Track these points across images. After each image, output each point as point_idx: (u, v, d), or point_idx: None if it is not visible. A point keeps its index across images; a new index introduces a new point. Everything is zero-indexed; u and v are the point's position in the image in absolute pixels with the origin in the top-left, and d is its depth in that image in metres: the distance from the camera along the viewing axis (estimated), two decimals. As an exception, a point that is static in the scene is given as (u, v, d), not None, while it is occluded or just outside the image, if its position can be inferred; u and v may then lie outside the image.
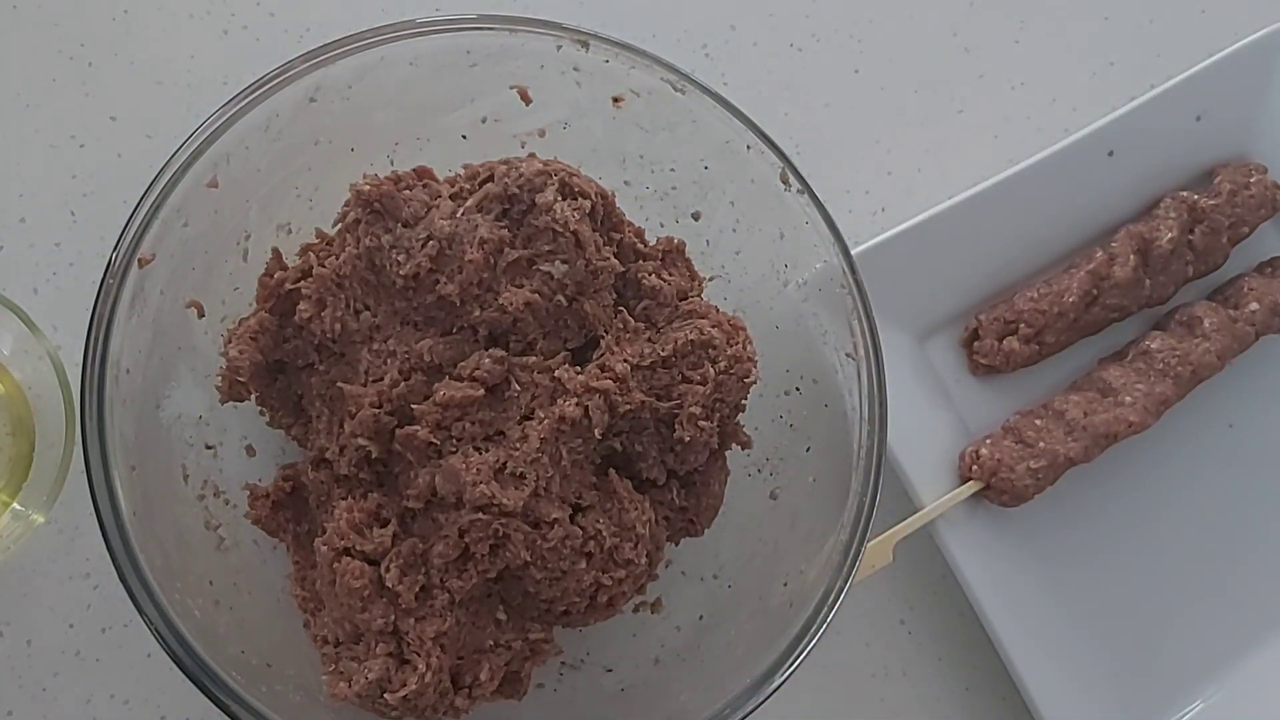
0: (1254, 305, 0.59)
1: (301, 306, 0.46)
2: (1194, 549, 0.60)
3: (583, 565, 0.44)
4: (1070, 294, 0.58)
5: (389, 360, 0.45)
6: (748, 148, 0.49)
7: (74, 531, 0.52)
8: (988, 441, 0.56)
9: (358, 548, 0.44)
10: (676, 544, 0.50)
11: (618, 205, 0.48)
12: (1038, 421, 0.57)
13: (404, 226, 0.45)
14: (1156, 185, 0.61)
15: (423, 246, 0.44)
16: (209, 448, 0.48)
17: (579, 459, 0.45)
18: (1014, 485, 0.55)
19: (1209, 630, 0.59)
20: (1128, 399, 0.57)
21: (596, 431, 0.45)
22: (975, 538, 0.56)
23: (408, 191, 0.46)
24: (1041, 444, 0.55)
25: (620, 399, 0.45)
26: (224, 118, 0.45)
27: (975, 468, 0.55)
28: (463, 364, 0.45)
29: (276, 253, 0.48)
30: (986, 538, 0.56)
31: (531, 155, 0.48)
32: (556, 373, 0.45)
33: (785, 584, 0.48)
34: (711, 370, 0.46)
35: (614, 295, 0.48)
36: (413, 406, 0.44)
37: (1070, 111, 0.64)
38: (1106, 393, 0.57)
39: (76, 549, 0.51)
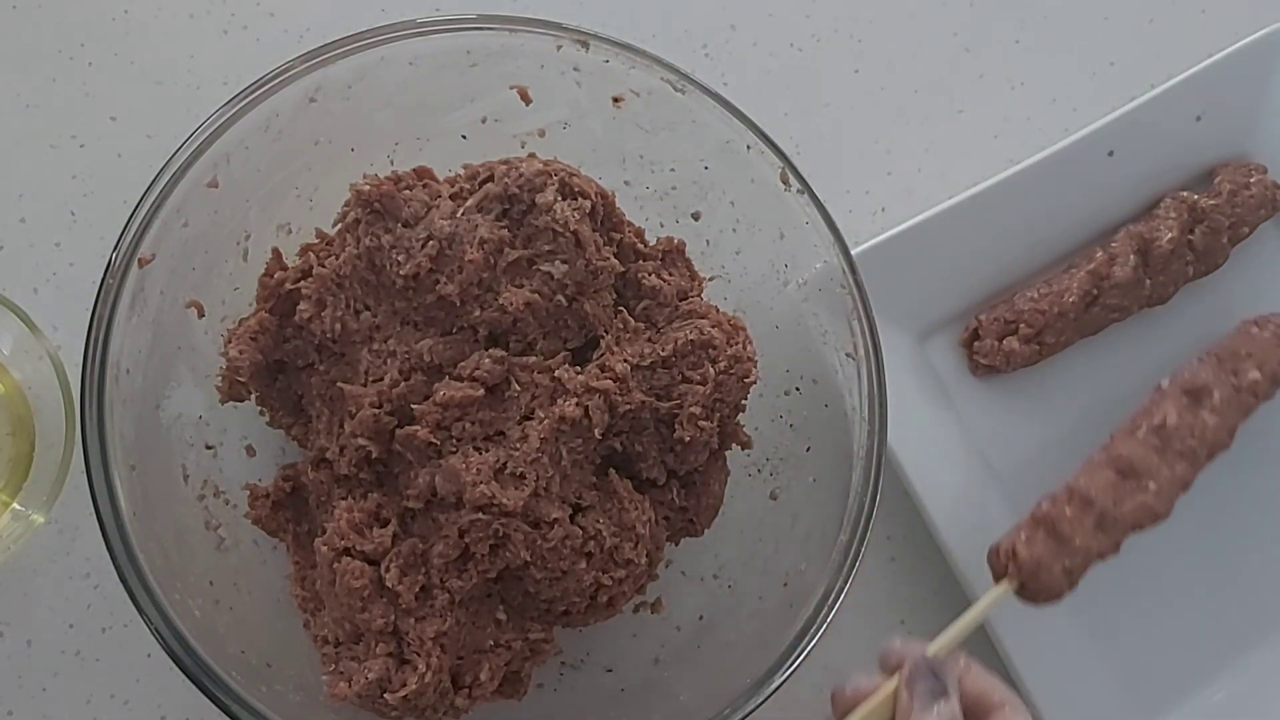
0: (1254, 374, 0.57)
1: (301, 306, 0.46)
2: (1194, 549, 0.60)
3: (583, 565, 0.44)
4: (1070, 294, 0.58)
5: (389, 360, 0.45)
6: (748, 148, 0.49)
7: (74, 531, 0.52)
8: (1022, 538, 0.52)
9: (358, 548, 0.44)
10: (676, 544, 0.50)
11: (618, 205, 0.48)
12: (1068, 510, 0.53)
13: (404, 226, 0.45)
14: (1156, 185, 0.61)
15: (423, 246, 0.44)
16: (209, 448, 0.48)
17: (579, 459, 0.45)
18: (1050, 586, 0.51)
19: (1209, 630, 0.59)
20: (1151, 485, 0.54)
21: (596, 431, 0.45)
22: (976, 537, 0.56)
23: (408, 191, 0.46)
24: (1077, 540, 0.52)
25: (620, 399, 0.45)
26: (224, 118, 0.45)
27: (1012, 566, 0.51)
28: (463, 364, 0.45)
29: (276, 253, 0.48)
30: (987, 538, 0.56)
31: (531, 155, 0.48)
32: (556, 373, 0.45)
33: (785, 584, 0.48)
34: (711, 370, 0.46)
35: (614, 295, 0.48)
36: (413, 406, 0.44)
37: (1070, 111, 0.64)
38: (1128, 475, 0.54)
39: (76, 549, 0.51)
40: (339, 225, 0.46)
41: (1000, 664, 0.55)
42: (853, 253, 0.48)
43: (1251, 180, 0.61)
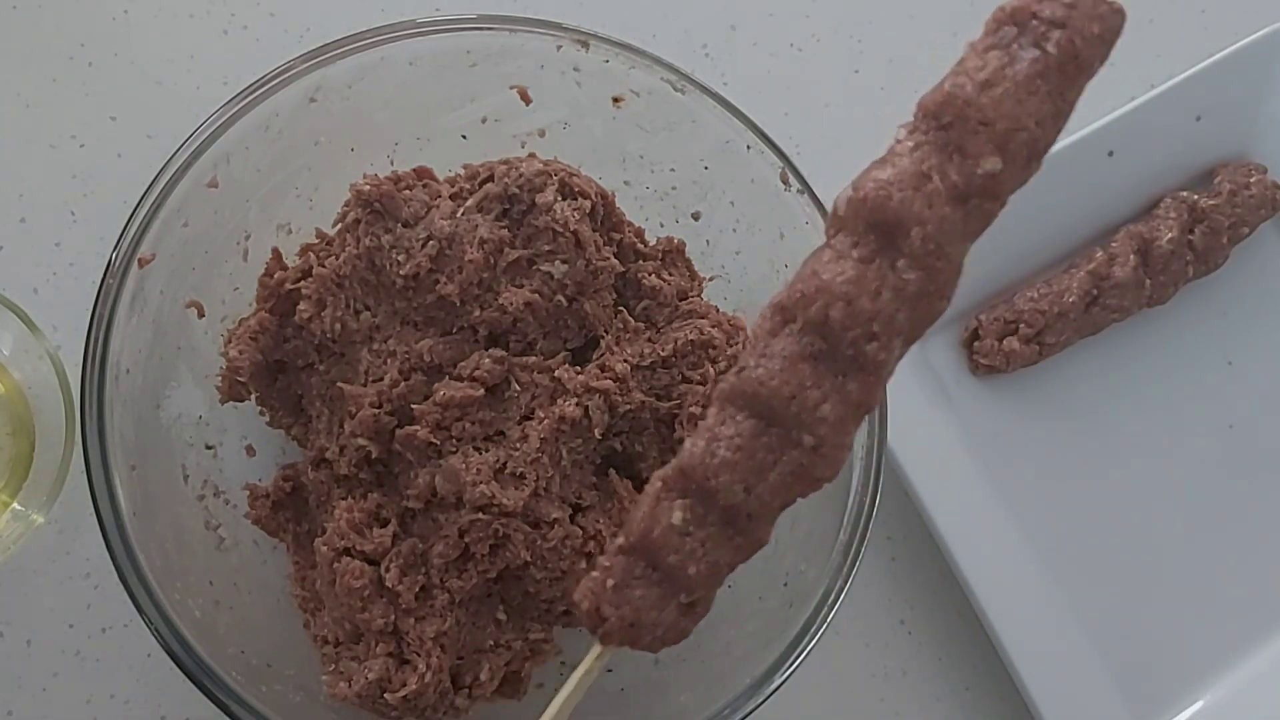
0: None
1: (301, 306, 0.46)
2: (1195, 548, 0.60)
3: (583, 565, 0.44)
4: (1070, 294, 0.58)
5: (389, 360, 0.45)
6: (748, 148, 0.49)
7: (74, 531, 0.51)
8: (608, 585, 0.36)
9: (358, 548, 0.44)
10: (676, 544, 0.50)
11: (618, 205, 0.48)
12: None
13: (404, 226, 0.45)
14: (1156, 185, 0.61)
15: (423, 246, 0.44)
16: (209, 448, 0.48)
17: (579, 459, 0.45)
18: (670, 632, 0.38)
19: (1209, 630, 0.59)
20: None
21: (596, 431, 0.45)
22: (976, 537, 0.56)
23: (408, 191, 0.46)
24: (691, 569, 0.36)
25: (620, 399, 0.45)
26: (224, 118, 0.45)
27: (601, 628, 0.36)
28: (463, 364, 0.45)
29: (276, 253, 0.48)
30: (987, 537, 0.56)
31: (531, 155, 0.48)
32: (556, 373, 0.45)
33: (785, 584, 0.48)
34: (711, 370, 0.46)
35: (614, 295, 0.48)
36: (413, 406, 0.44)
37: (1070, 111, 0.64)
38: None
39: (76, 549, 0.51)
40: (339, 225, 0.46)
41: (1002, 665, 0.55)
42: (853, 253, 0.48)
43: (1251, 180, 0.61)
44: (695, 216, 0.52)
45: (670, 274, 0.49)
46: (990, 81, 0.33)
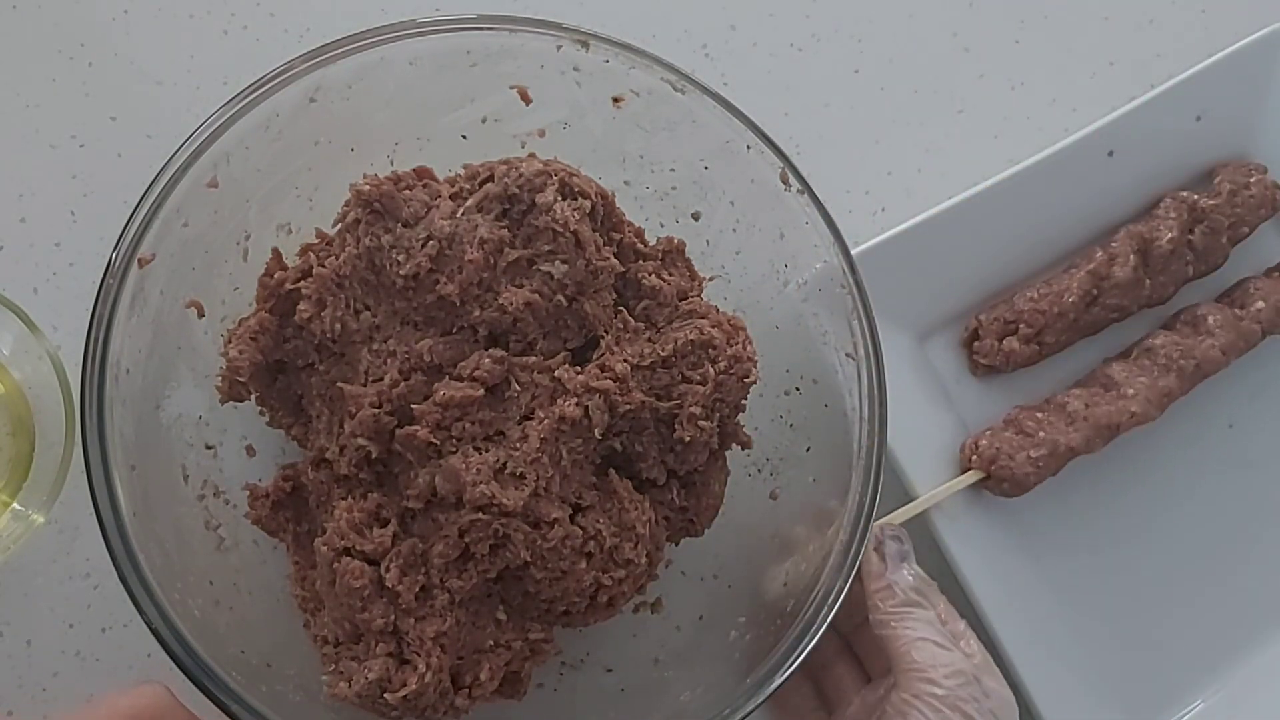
0: (1260, 304, 0.60)
1: (301, 306, 0.46)
2: (1195, 548, 0.60)
3: (583, 565, 0.44)
4: (1070, 294, 0.58)
5: (389, 360, 0.45)
6: (748, 148, 0.49)
7: (74, 531, 0.52)
8: (987, 433, 0.56)
9: (358, 548, 0.44)
10: (676, 544, 0.50)
11: (618, 205, 0.48)
12: (1039, 414, 0.57)
13: (404, 226, 0.45)
14: (1156, 185, 0.61)
15: (423, 246, 0.44)
16: (209, 448, 0.48)
17: (579, 459, 0.45)
18: (1014, 474, 0.55)
19: (1209, 630, 0.59)
20: (1130, 391, 0.57)
21: (596, 431, 0.45)
22: (974, 536, 0.56)
23: (408, 191, 0.46)
24: (1042, 434, 0.56)
25: (620, 399, 0.45)
26: (224, 118, 0.45)
27: (975, 458, 0.56)
28: (463, 364, 0.45)
29: (276, 253, 0.48)
30: (985, 536, 0.56)
31: (531, 155, 0.48)
32: (556, 373, 0.45)
33: (785, 584, 0.48)
34: (711, 370, 0.46)
35: (614, 295, 0.48)
36: (413, 406, 0.44)
37: (1070, 111, 0.64)
38: (1109, 387, 0.58)
39: (76, 549, 0.51)
40: (339, 225, 0.46)
41: (1001, 663, 0.55)
42: (853, 253, 0.48)
43: (1251, 180, 0.61)
44: (695, 216, 0.52)
45: (670, 274, 0.49)
46: None
